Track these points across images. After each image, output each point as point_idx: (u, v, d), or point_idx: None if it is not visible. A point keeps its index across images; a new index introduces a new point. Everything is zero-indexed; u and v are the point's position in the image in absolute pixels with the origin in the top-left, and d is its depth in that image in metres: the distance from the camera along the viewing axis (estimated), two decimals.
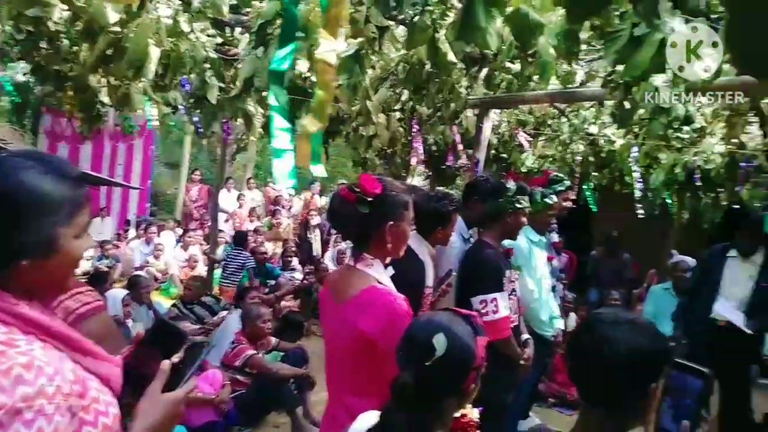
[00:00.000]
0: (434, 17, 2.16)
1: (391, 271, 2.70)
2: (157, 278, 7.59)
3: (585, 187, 7.04)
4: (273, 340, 4.47)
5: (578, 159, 6.35)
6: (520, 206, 2.92)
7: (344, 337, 1.69)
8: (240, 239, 7.35)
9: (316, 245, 9.31)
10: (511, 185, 2.95)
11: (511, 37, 2.24)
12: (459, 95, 3.79)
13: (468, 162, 5.34)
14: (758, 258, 3.76)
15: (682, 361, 1.20)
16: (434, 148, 6.26)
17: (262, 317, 4.21)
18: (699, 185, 5.31)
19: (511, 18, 1.91)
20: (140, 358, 1.18)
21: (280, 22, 1.87)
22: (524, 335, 3.10)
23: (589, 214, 8.27)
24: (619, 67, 2.13)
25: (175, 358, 1.15)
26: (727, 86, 3.00)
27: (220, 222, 8.61)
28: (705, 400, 1.14)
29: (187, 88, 3.70)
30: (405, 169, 7.24)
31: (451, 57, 2.29)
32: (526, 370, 3.02)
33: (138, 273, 6.56)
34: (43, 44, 3.32)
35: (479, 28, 1.72)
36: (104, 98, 3.79)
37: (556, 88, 3.96)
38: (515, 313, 2.97)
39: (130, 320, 4.99)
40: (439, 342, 1.23)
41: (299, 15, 1.82)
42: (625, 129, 4.68)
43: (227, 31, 3.25)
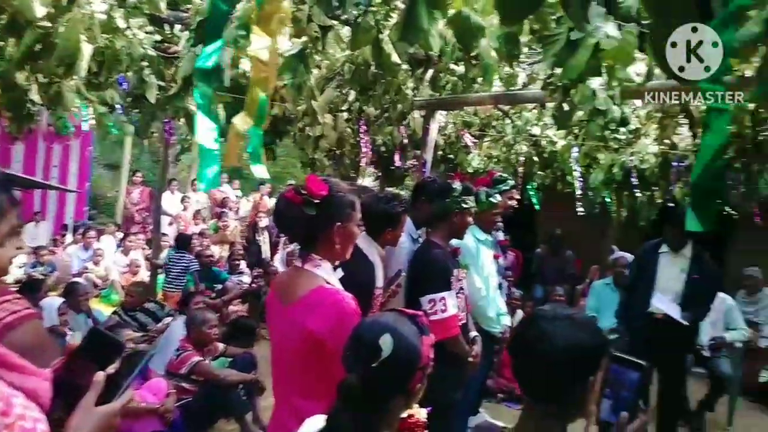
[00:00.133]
0: (378, 18, 2.16)
1: (340, 272, 2.70)
2: (97, 285, 7.30)
3: (528, 186, 7.23)
4: (220, 345, 4.38)
5: (522, 159, 6.52)
6: (466, 206, 2.97)
7: (292, 338, 1.67)
8: (183, 242, 7.16)
9: (265, 248, 9.17)
10: (457, 186, 2.99)
11: (454, 40, 2.27)
12: (405, 96, 3.81)
13: (416, 163, 5.39)
14: (687, 251, 3.95)
15: (619, 354, 1.24)
16: (383, 149, 6.29)
17: (208, 323, 4.11)
18: (635, 184, 5.55)
19: (453, 20, 1.94)
20: (73, 370, 1.12)
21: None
22: (472, 333, 3.15)
23: (533, 213, 8.51)
24: (557, 69, 2.20)
25: (111, 369, 1.10)
26: (659, 89, 3.15)
27: (164, 225, 8.36)
28: (642, 391, 1.18)
29: (125, 86, 3.57)
30: (354, 169, 7.23)
31: (395, 58, 2.30)
32: (475, 367, 3.07)
33: (76, 280, 6.29)
34: None
35: (422, 30, 1.74)
36: (34, 96, 3.60)
37: (499, 90, 4.05)
38: (463, 311, 3.01)
39: (68, 330, 4.76)
40: (386, 343, 1.23)
41: (243, 13, 1.79)
42: (565, 130, 4.84)
43: (167, 29, 3.15)
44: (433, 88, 3.85)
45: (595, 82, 2.65)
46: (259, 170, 1.84)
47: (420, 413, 1.42)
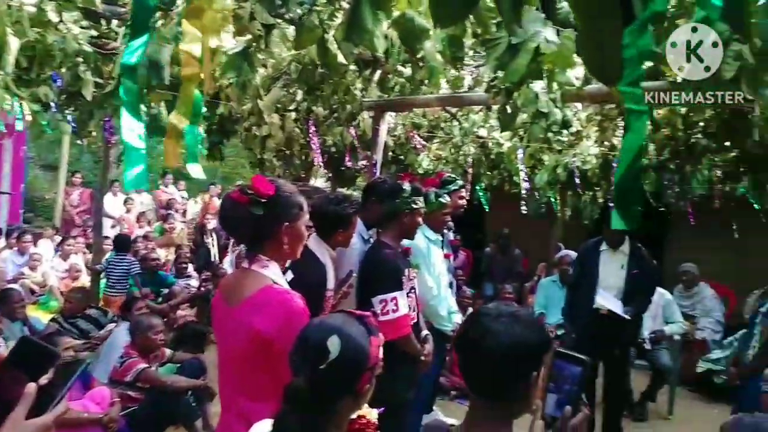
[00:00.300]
0: (322, 17, 2.15)
1: (290, 274, 2.68)
2: (34, 291, 6.96)
3: (477, 187, 7.37)
4: (167, 351, 4.25)
5: (470, 161, 6.63)
6: (416, 207, 2.99)
7: (239, 339, 1.65)
8: (122, 244, 6.83)
9: (214, 250, 8.97)
10: (407, 186, 3.02)
11: (399, 41, 2.29)
12: (354, 97, 3.81)
13: (367, 163, 5.40)
14: (626, 248, 4.11)
15: (562, 350, 1.27)
16: (333, 149, 6.27)
17: (153, 328, 3.98)
18: (578, 184, 5.74)
19: (397, 22, 1.96)
20: (2, 382, 1.06)
21: (158, 14, 1.78)
22: (424, 331, 3.18)
23: (482, 213, 8.68)
24: (500, 73, 2.25)
25: (44, 380, 1.05)
26: (598, 93, 3.28)
27: (106, 228, 8.05)
28: (584, 385, 1.22)
29: (59, 83, 3.40)
30: (305, 170, 7.17)
31: (341, 58, 2.30)
32: (427, 365, 3.09)
33: (10, 286, 5.96)
34: None
35: (366, 30, 1.74)
36: None
37: (446, 92, 4.10)
38: (414, 310, 3.03)
39: (2, 339, 4.51)
40: (333, 344, 1.22)
41: (182, 9, 1.74)
42: (510, 132, 4.96)
43: (104, 24, 3.03)
44: (381, 90, 3.86)
45: (537, 86, 2.74)
46: (195, 170, 1.79)
47: (371, 414, 1.43)
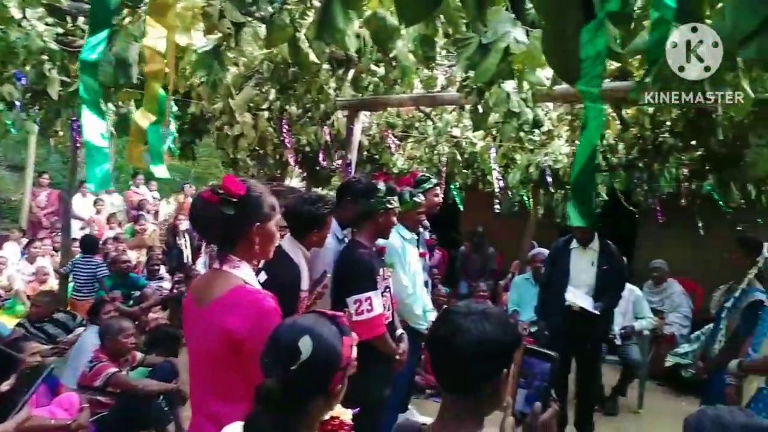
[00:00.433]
0: (294, 16, 2.13)
1: (264, 275, 2.66)
2: None
3: (452, 186, 7.41)
4: (138, 355, 4.18)
5: (444, 160, 6.67)
6: (390, 206, 3.00)
7: (210, 339, 1.64)
8: (89, 245, 6.57)
9: (187, 252, 8.83)
10: (382, 186, 3.02)
11: (372, 40, 2.29)
12: (328, 96, 3.80)
13: (342, 163, 5.38)
14: (595, 245, 4.19)
15: (532, 346, 1.29)
16: (308, 148, 6.23)
17: (124, 332, 3.91)
18: (550, 183, 5.82)
19: (369, 21, 1.95)
20: None
21: (125, 12, 1.74)
22: (399, 330, 3.18)
23: (457, 213, 8.74)
24: (471, 72, 2.27)
25: (5, 386, 1.02)
26: (568, 93, 3.32)
27: (75, 230, 7.85)
28: (553, 381, 1.23)
29: (23, 81, 3.31)
30: (280, 169, 7.12)
31: (313, 57, 2.29)
32: (402, 364, 3.10)
33: None
34: None
35: (338, 29, 1.74)
36: None
37: (419, 92, 4.12)
38: (389, 309, 3.04)
39: None
40: (305, 345, 1.22)
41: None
42: (483, 131, 5.00)
43: (69, 21, 2.95)
44: (355, 89, 3.85)
45: (508, 86, 2.77)
46: (160, 170, 1.76)
47: (345, 415, 1.42)
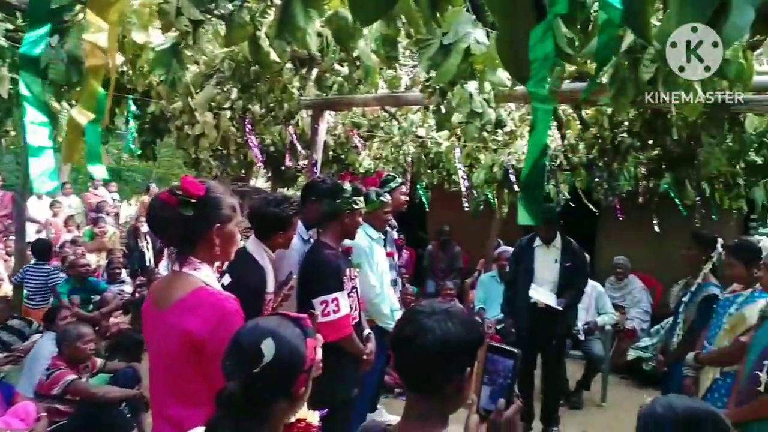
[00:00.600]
0: (253, 14, 2.11)
1: (228, 278, 2.62)
2: None
3: (418, 186, 7.45)
4: (98, 361, 4.07)
5: (410, 160, 6.71)
6: (356, 207, 2.99)
7: (170, 342, 1.62)
8: (41, 251, 6.18)
9: (149, 254, 8.64)
10: (347, 186, 3.01)
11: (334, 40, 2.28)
12: (292, 96, 3.77)
13: (308, 163, 5.35)
14: (558, 243, 4.29)
15: (495, 344, 1.30)
16: (272, 148, 6.17)
17: (83, 338, 3.80)
18: (514, 182, 5.90)
19: (330, 20, 1.95)
20: None
21: (78, 7, 1.68)
22: (366, 330, 3.18)
23: (423, 212, 8.80)
24: (433, 72, 2.29)
25: None
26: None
27: (30, 233, 7.56)
28: (516, 377, 1.25)
29: None
30: (245, 169, 7.02)
31: (274, 56, 2.26)
32: (369, 364, 3.11)
33: None
34: None
35: (298, 28, 1.72)
36: None
37: (384, 92, 4.13)
38: (356, 309, 3.03)
39: None
40: (267, 347, 1.21)
41: None
42: (447, 131, 5.04)
43: (19, 17, 2.84)
44: (319, 88, 3.84)
45: (471, 86, 2.79)
46: (98, 170, 1.71)
47: (312, 417, 1.41)
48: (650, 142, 4.62)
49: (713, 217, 6.29)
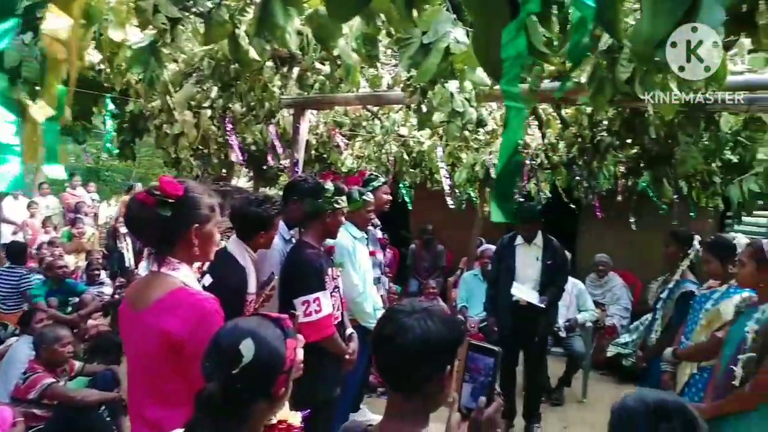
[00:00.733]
0: (232, 12, 2.09)
1: (209, 278, 2.59)
2: None
3: (401, 185, 7.46)
4: (77, 364, 4.01)
5: (392, 159, 6.71)
6: (338, 206, 2.98)
7: (149, 342, 1.60)
8: (14, 254, 5.95)
9: (129, 255, 8.52)
10: (329, 185, 3.00)
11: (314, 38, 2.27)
12: (273, 94, 3.74)
13: (290, 162, 5.32)
14: (539, 241, 4.32)
15: (475, 342, 1.31)
16: (254, 148, 6.13)
17: (60, 340, 3.74)
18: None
19: (310, 18, 1.94)
20: None
21: (50, 5, 1.65)
22: (348, 329, 3.18)
23: (406, 211, 8.81)
24: (414, 71, 2.29)
25: None
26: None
27: (6, 235, 7.45)
28: (497, 375, 1.26)
29: None
30: (226, 169, 6.96)
31: (254, 54, 2.25)
32: (352, 363, 3.10)
33: None
34: None
35: (278, 26, 1.71)
36: None
37: (365, 91, 4.12)
38: (338, 309, 3.03)
39: None
40: (247, 348, 1.20)
41: None
42: (429, 130, 5.06)
43: None
44: (300, 87, 3.82)
45: (452, 85, 2.80)
46: (55, 170, 1.67)
47: (293, 418, 1.41)
48: (629, 141, 4.68)
49: (691, 214, 6.39)
